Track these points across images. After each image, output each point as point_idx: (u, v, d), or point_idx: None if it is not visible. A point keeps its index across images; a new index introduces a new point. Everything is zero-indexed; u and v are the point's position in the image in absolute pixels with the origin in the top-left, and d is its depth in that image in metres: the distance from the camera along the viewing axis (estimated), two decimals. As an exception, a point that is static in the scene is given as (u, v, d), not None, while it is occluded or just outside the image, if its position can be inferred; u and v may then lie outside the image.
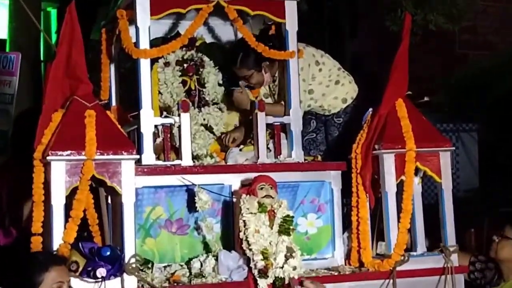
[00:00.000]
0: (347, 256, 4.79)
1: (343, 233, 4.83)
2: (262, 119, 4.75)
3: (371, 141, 4.71)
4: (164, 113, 4.71)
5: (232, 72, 5.19)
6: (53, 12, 11.96)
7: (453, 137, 10.57)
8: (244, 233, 4.26)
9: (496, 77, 10.31)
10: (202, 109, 5.03)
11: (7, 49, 8.91)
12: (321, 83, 5.30)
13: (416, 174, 4.78)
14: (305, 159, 4.90)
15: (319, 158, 5.08)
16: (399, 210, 4.65)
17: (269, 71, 5.16)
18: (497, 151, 10.36)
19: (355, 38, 12.09)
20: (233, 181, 4.56)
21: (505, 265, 4.84)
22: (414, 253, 4.73)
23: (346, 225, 4.86)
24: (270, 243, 4.26)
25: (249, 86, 5.22)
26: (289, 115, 4.86)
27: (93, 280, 4.00)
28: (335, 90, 5.36)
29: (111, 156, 4.13)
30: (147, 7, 4.55)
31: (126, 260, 4.09)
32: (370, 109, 4.86)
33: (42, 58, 9.67)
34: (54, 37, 10.05)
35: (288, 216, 4.34)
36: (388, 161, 4.66)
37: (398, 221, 4.63)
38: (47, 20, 11.85)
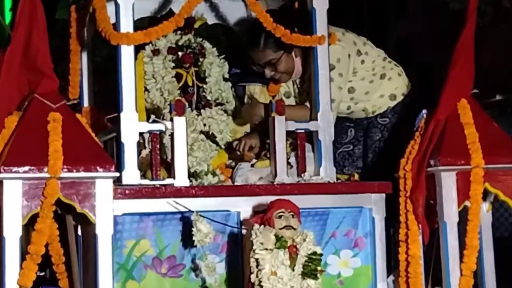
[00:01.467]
0: (393, 306, 4.81)
1: (387, 276, 4.83)
2: (281, 125, 4.75)
3: (425, 155, 4.71)
4: (152, 116, 4.73)
5: (247, 60, 5.18)
6: (7, -15, 12.03)
7: (533, 149, 10.53)
8: (257, 276, 4.25)
9: None
10: (202, 111, 5.04)
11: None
12: (363, 78, 5.30)
13: (484, 198, 4.78)
14: (337, 178, 4.91)
15: (356, 176, 5.08)
16: (461, 246, 4.65)
17: (300, 56, 5.14)
18: None
19: (403, 18, 12.10)
20: (243, 206, 4.58)
21: None
22: (482, 303, 4.74)
23: (392, 265, 4.86)
24: (291, 288, 4.26)
25: (273, 78, 5.20)
26: (317, 120, 4.87)
27: (58, 336, 4.03)
28: (380, 86, 5.35)
29: (82, 174, 4.15)
30: (130, -23, 4.60)
31: (101, 310, 4.11)
32: (424, 112, 4.86)
33: (-8, 44, 9.71)
34: (8, 16, 10.09)
35: (314, 253, 4.33)
36: (448, 182, 4.66)
37: (461, 261, 4.63)
38: (-1, -6, 11.92)
